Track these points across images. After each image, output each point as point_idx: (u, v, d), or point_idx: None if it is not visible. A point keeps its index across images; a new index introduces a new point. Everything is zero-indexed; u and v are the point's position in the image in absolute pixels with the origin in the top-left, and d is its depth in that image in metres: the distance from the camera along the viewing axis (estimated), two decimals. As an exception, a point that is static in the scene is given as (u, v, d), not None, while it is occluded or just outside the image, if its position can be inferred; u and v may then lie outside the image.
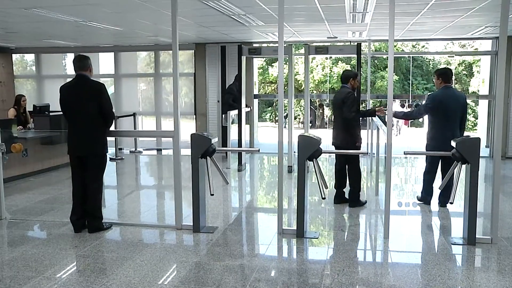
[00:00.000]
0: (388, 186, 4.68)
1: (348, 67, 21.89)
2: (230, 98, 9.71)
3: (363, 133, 6.14)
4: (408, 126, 18.02)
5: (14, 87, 12.28)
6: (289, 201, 6.45)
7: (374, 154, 7.96)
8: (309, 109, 8.83)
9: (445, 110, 5.84)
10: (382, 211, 5.60)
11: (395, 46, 8.19)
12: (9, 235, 4.98)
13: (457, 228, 5.08)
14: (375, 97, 18.36)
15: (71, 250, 4.46)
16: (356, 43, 8.32)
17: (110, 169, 8.03)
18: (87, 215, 4.95)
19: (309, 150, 4.72)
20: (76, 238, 4.79)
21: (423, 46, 22.08)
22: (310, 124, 10.62)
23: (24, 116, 9.07)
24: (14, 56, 12.55)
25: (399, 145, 11.04)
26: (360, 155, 6.36)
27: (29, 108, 9.37)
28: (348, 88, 6.06)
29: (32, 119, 9.12)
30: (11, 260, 4.19)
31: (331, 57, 20.42)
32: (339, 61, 22.03)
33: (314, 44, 9.68)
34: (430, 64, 23.85)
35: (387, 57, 4.59)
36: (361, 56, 8.16)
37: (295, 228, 4.85)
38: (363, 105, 15.73)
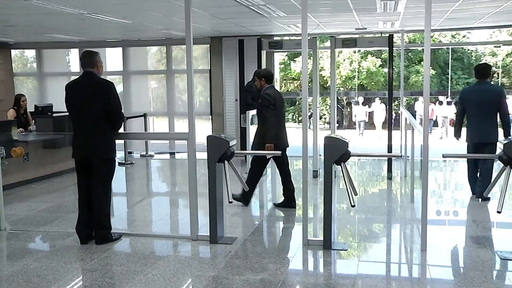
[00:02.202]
0: (425, 192, 4.64)
1: (379, 61, 21.78)
2: (249, 97, 9.72)
3: (396, 134, 6.14)
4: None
5: (13, 86, 12.50)
6: (315, 209, 6.44)
7: (408, 157, 7.90)
8: (335, 108, 8.81)
9: (473, 105, 6.42)
10: (418, 220, 5.55)
11: (431, 37, 8.12)
12: (9, 248, 5.07)
13: (507, 240, 5.01)
14: (409, 94, 18.23)
15: (76, 263, 4.53)
16: (387, 35, 8.28)
17: (119, 174, 8.08)
18: (94, 225, 5.01)
19: (336, 153, 4.71)
20: (82, 250, 4.86)
21: (464, 36, 21.81)
22: (337, 125, 10.57)
23: (25, 118, 9.22)
24: (13, 52, 12.79)
25: (438, 147, 10.93)
26: (394, 158, 6.40)
27: (30, 108, 9.52)
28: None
29: (33, 121, 9.26)
30: (11, 275, 4.26)
31: (359, 51, 20.33)
32: (369, 55, 21.91)
33: (341, 36, 9.66)
34: (472, 56, 23.53)
35: (423, 49, 4.56)
36: (394, 48, 8.11)
37: (322, 238, 4.83)
38: (396, 102, 15.60)
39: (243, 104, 9.80)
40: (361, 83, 21.94)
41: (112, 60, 12.49)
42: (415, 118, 12.24)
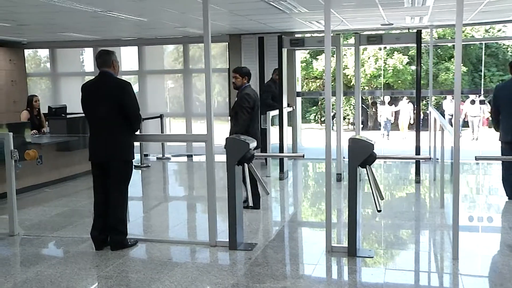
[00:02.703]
0: (456, 196, 4.58)
1: (406, 59, 21.60)
2: (269, 97, 9.74)
3: (424, 135, 6.10)
4: (489, 127, 17.60)
5: (26, 87, 12.70)
6: (339, 214, 6.40)
7: (438, 159, 7.81)
8: (360, 108, 8.76)
9: (507, 102, 6.51)
10: (449, 226, 5.48)
11: (463, 32, 8.03)
12: (22, 254, 5.15)
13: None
14: (439, 93, 18.03)
15: (91, 270, 4.57)
16: (415, 30, 8.21)
17: (135, 178, 8.09)
18: (109, 230, 5.06)
19: (361, 155, 4.68)
20: (97, 256, 4.91)
21: (499, 30, 21.47)
22: (362, 126, 10.52)
23: (38, 119, 9.35)
24: (27, 52, 13.00)
25: (469, 148, 10.79)
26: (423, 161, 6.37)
27: (44, 110, 9.66)
28: None
29: (47, 122, 9.39)
30: (25, 281, 4.32)
31: (385, 47, 20.18)
32: (395, 52, 21.75)
33: (366, 32, 9.60)
34: (508, 52, 23.14)
35: (453, 45, 4.51)
36: (422, 45, 8.03)
37: (346, 245, 4.81)
38: (424, 102, 15.46)
39: (263, 105, 9.81)
40: (387, 82, 21.78)
41: (127, 59, 12.61)
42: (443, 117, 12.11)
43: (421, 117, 8.67)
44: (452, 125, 5.02)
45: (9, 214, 5.64)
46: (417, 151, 7.97)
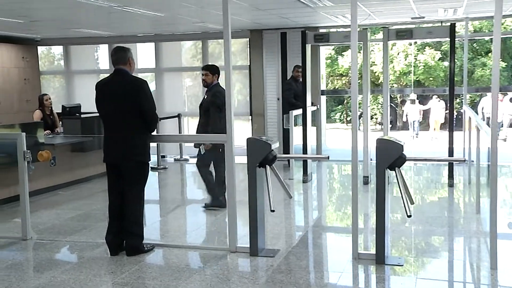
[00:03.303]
0: (494, 201, 4.51)
1: (438, 54, 21.37)
2: (291, 95, 9.73)
3: (458, 136, 6.02)
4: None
5: (40, 85, 12.88)
6: (366, 219, 6.37)
7: (473, 161, 7.72)
8: (388, 106, 8.70)
9: None
10: (485, 233, 5.42)
11: (502, 24, 7.91)
12: (35, 258, 5.22)
13: None
14: (474, 91, 17.77)
15: (106, 276, 4.62)
16: (449, 24, 8.12)
17: (151, 180, 8.16)
18: (125, 234, 5.10)
19: (390, 157, 4.65)
20: (112, 262, 4.96)
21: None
22: (390, 125, 10.43)
23: (52, 119, 9.47)
24: (40, 49, 13.18)
25: (507, 150, 10.65)
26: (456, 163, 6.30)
27: (57, 109, 9.79)
28: None
29: (60, 122, 9.51)
30: (38, 287, 4.38)
31: (416, 42, 19.96)
32: (427, 47, 21.52)
33: (395, 27, 9.52)
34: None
35: (491, 38, 4.45)
36: (456, 39, 7.94)
37: (374, 252, 4.78)
38: (457, 100, 15.26)
39: (285, 104, 9.81)
40: (417, 79, 21.56)
41: (143, 56, 12.70)
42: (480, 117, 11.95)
43: (454, 117, 8.56)
44: (489, 125, 4.96)
45: (22, 218, 5.72)
46: (450, 153, 7.88)
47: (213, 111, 6.56)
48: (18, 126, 8.19)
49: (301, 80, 9.30)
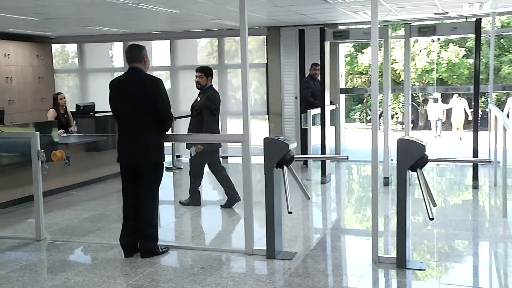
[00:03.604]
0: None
1: (463, 51, 21.18)
2: (309, 94, 9.72)
3: (483, 136, 5.96)
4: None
5: (54, 84, 13.01)
6: (386, 221, 6.35)
7: (499, 162, 7.64)
8: (410, 106, 8.64)
9: None
10: None
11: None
12: (49, 260, 5.28)
13: None
14: (501, 89, 17.55)
15: (120, 278, 4.65)
16: (474, 19, 8.04)
17: (166, 180, 8.21)
18: (139, 236, 5.13)
19: (411, 157, 4.62)
20: (126, 264, 4.99)
21: None
22: (412, 125, 10.37)
23: (66, 118, 9.56)
24: (54, 47, 13.31)
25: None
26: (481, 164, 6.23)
27: (71, 107, 9.88)
28: None
29: (74, 121, 9.60)
30: (53, 288, 4.45)
31: (439, 39, 19.80)
32: (450, 44, 21.34)
33: (417, 23, 9.45)
34: None
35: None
36: (482, 35, 7.86)
37: (395, 256, 4.75)
38: (483, 99, 15.12)
39: (303, 103, 9.80)
40: (440, 77, 21.40)
41: (158, 54, 12.77)
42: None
43: (479, 116, 8.46)
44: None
45: (35, 218, 5.79)
46: (475, 153, 7.80)
47: (207, 115, 6.77)
48: (32, 125, 8.29)
49: (319, 78, 9.29)
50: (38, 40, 12.44)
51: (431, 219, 4.52)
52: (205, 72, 7.00)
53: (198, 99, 7.03)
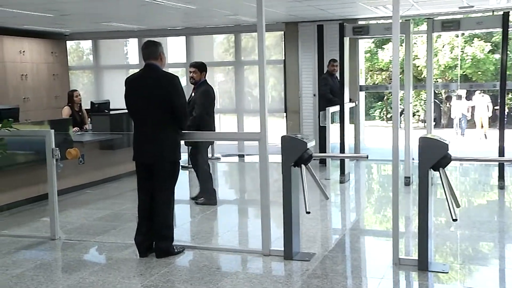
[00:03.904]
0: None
1: (488, 46, 20.94)
2: (328, 91, 9.70)
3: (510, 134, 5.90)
4: None
5: (69, 81, 13.13)
6: (407, 222, 6.31)
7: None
8: (432, 103, 8.58)
9: None
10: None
11: None
12: (63, 259, 5.34)
13: None
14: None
15: (135, 278, 4.68)
16: (501, 12, 7.95)
17: (182, 179, 8.23)
18: (154, 236, 5.16)
19: (434, 156, 4.59)
20: (141, 264, 5.02)
21: None
22: (434, 123, 10.28)
23: (80, 115, 9.64)
24: (69, 44, 13.43)
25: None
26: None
27: (86, 105, 9.96)
28: None
29: (89, 119, 9.67)
30: (67, 288, 4.49)
31: (463, 34, 19.61)
32: (475, 39, 21.12)
33: (440, 17, 9.37)
34: None
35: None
36: (509, 29, 7.77)
37: (416, 258, 4.73)
38: (510, 96, 14.94)
39: (322, 100, 9.77)
40: (464, 73, 21.19)
41: (174, 50, 12.82)
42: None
43: (506, 113, 8.36)
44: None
45: (50, 217, 5.86)
46: (501, 152, 7.71)
47: (200, 110, 6.93)
48: (47, 123, 8.38)
49: (337, 74, 9.27)
50: (53, 37, 12.56)
51: (454, 220, 4.48)
52: (199, 67, 7.16)
53: (193, 94, 7.19)
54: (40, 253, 5.43)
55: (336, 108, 8.86)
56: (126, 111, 5.30)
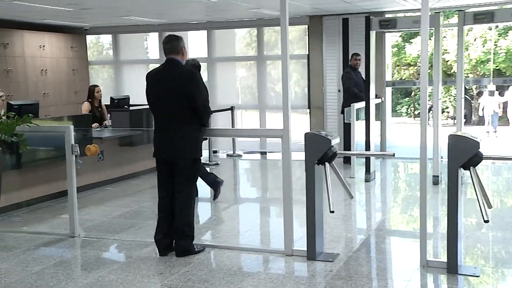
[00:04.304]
0: None
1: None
2: (352, 84, 9.65)
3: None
4: None
5: (88, 76, 13.26)
6: (435, 223, 6.26)
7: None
8: (463, 99, 8.49)
9: None
10: None
11: None
12: (83, 257, 5.40)
13: None
14: None
15: (155, 277, 4.71)
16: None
17: (201, 177, 8.35)
18: (174, 234, 5.19)
19: (464, 155, 4.54)
20: (161, 262, 5.05)
21: None
22: (464, 120, 10.18)
23: (100, 111, 9.71)
24: (89, 38, 13.55)
25: None
26: None
27: (106, 101, 10.04)
28: None
29: (109, 115, 9.75)
30: (85, 287, 4.52)
31: (497, 26, 19.32)
32: (510, 31, 20.81)
33: (472, 10, 9.24)
34: None
35: None
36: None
37: (445, 260, 4.68)
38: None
39: (347, 94, 9.73)
40: (497, 68, 20.92)
41: (195, 45, 12.86)
42: None
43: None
44: None
45: (69, 214, 5.93)
46: (534, 151, 7.61)
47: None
48: (66, 118, 8.46)
49: (359, 69, 9.24)
50: (73, 31, 12.70)
51: (486, 221, 4.42)
52: (196, 66, 7.07)
53: None
54: (59, 251, 5.50)
55: (362, 104, 8.81)
56: (147, 106, 5.33)
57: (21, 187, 7.15)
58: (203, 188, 7.47)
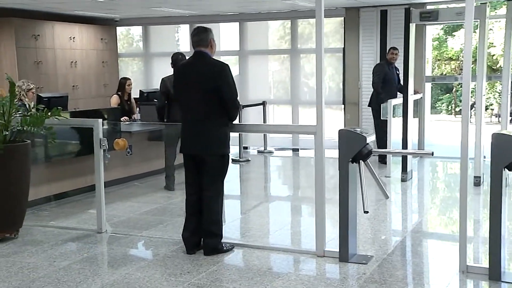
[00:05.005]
0: None
1: None
2: (380, 81, 9.55)
3: None
4: None
5: (118, 69, 13.39)
6: (476, 226, 6.18)
7: None
8: (509, 95, 8.33)
9: None
10: None
11: None
12: (109, 253, 5.45)
13: None
14: None
15: (182, 276, 4.72)
16: None
17: (232, 173, 8.33)
18: (202, 232, 5.20)
19: (509, 154, 4.45)
20: (188, 261, 5.07)
21: None
22: (510, 118, 9.99)
23: (129, 105, 9.79)
24: (119, 30, 13.70)
25: None
26: None
27: (135, 94, 10.12)
28: None
29: (138, 108, 9.83)
30: (112, 284, 4.56)
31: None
32: None
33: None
34: None
35: None
36: None
37: (487, 266, 4.60)
38: None
39: (375, 90, 9.65)
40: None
41: (226, 37, 12.87)
42: None
43: None
44: None
45: (97, 210, 6.00)
46: None
47: (160, 98, 7.71)
48: (95, 111, 8.55)
49: (395, 64, 9.16)
50: (103, 23, 12.84)
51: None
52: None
53: None
54: (86, 246, 5.56)
55: (399, 100, 8.73)
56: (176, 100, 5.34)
57: (49, 181, 7.26)
58: (231, 184, 7.47)
